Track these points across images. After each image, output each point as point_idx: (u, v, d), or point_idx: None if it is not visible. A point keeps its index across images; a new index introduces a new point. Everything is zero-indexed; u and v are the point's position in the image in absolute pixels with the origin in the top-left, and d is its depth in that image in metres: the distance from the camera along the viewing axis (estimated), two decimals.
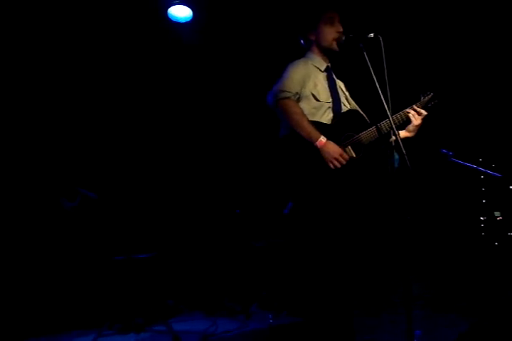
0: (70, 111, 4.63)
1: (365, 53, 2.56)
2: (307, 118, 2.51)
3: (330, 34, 2.71)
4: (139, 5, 4.30)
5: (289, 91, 2.54)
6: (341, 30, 2.72)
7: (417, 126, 2.69)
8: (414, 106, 2.71)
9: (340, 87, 2.81)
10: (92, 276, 4.20)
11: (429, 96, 2.80)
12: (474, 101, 5.03)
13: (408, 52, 4.72)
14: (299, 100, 2.62)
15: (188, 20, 4.47)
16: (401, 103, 2.75)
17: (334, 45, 2.71)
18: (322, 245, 2.49)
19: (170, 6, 4.34)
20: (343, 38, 2.67)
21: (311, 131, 2.46)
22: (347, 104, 2.78)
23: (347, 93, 2.85)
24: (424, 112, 2.69)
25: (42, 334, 3.75)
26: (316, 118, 2.59)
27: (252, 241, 4.46)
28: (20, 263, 4.00)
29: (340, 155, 2.46)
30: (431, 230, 5.06)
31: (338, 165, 2.45)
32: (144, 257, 3.88)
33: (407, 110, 2.70)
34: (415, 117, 2.68)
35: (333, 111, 2.66)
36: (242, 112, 5.26)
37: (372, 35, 2.55)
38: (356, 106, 2.85)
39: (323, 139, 2.45)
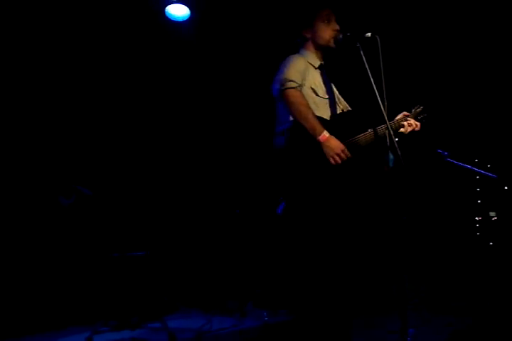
0: (65, 109, 4.61)
1: (362, 53, 2.57)
2: (312, 111, 2.48)
3: (327, 32, 2.70)
4: (136, 3, 4.31)
5: (295, 81, 2.49)
6: (338, 28, 2.72)
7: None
8: (408, 118, 2.77)
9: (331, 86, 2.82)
10: (88, 273, 4.20)
11: (419, 109, 2.84)
12: (471, 102, 5.05)
13: (405, 53, 4.74)
14: None
15: (186, 18, 4.47)
16: (397, 105, 2.77)
17: (331, 43, 2.71)
18: (316, 245, 2.47)
19: (167, 5, 4.34)
20: (341, 36, 2.67)
21: (316, 124, 2.44)
22: (339, 103, 2.80)
23: (337, 92, 2.86)
24: (418, 125, 2.78)
25: (37, 331, 3.75)
26: (318, 114, 2.55)
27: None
28: (17, 261, 3.99)
29: (342, 151, 2.45)
30: (427, 230, 5.08)
31: (339, 161, 2.44)
32: (140, 255, 3.88)
33: (402, 123, 2.75)
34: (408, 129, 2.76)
35: (330, 108, 2.67)
36: (240, 109, 5.25)
37: (369, 34, 2.56)
38: (347, 106, 2.87)
39: (326, 134, 2.43)
